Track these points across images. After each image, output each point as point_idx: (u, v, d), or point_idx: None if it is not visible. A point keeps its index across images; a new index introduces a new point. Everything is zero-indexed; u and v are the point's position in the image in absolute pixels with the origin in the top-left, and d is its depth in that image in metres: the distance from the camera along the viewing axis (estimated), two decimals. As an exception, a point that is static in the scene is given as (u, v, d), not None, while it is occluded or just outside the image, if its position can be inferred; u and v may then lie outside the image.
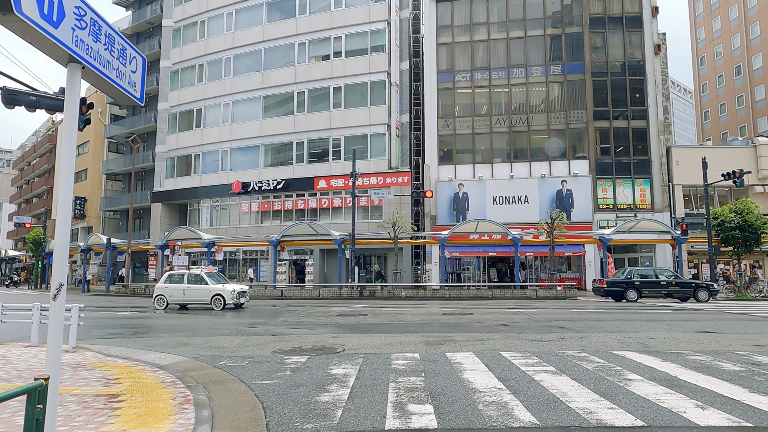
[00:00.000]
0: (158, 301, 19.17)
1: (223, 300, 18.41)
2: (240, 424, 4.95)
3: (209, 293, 18.60)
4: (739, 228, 25.12)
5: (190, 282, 19.08)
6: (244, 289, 19.52)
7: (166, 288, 19.21)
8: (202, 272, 19.43)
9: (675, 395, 5.81)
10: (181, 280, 19.32)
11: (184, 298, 18.98)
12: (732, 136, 43.03)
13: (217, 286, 18.72)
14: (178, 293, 18.95)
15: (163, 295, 19.13)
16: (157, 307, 19.10)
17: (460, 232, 28.27)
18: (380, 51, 34.89)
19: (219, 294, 18.47)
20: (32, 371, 7.30)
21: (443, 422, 4.92)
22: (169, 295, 19.01)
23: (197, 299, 18.91)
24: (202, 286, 18.80)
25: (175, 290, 18.99)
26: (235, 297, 18.50)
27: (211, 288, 18.65)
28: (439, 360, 8.12)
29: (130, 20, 48.15)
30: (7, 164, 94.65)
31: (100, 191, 50.10)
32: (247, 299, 19.59)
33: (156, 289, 19.45)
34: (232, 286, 19.06)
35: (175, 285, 19.18)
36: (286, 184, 35.84)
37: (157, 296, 19.23)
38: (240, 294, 18.89)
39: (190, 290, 18.85)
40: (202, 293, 18.74)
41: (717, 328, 12.22)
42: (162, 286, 19.42)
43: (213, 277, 19.62)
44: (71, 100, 3.40)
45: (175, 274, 19.87)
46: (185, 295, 18.89)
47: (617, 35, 32.56)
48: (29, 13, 2.73)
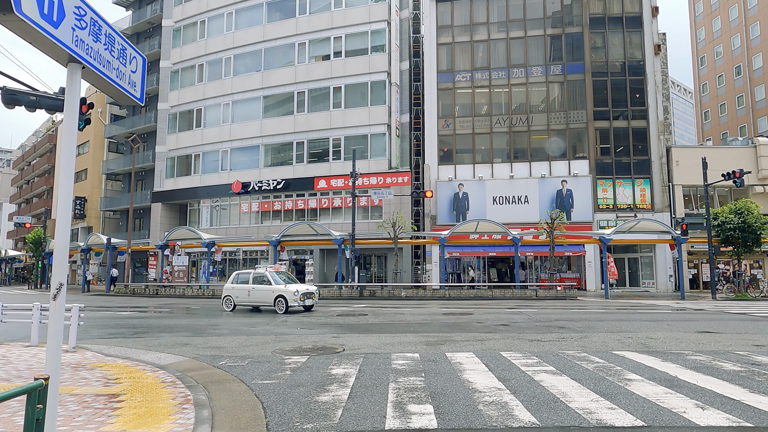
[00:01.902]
0: (226, 302, 18.25)
1: (285, 302, 16.85)
2: (240, 424, 4.95)
3: (272, 294, 17.19)
4: (739, 228, 25.12)
5: (255, 282, 17.80)
6: (311, 289, 17.72)
7: (233, 288, 18.18)
8: (266, 271, 17.97)
9: (675, 395, 5.82)
10: (246, 279, 18.10)
11: (250, 300, 17.82)
12: (732, 136, 43.03)
13: (279, 287, 17.20)
14: (244, 294, 17.83)
15: (230, 296, 18.15)
16: (225, 308, 18.23)
17: (460, 232, 28.27)
18: (380, 51, 34.89)
19: (281, 295, 16.97)
20: (32, 371, 7.30)
21: (443, 422, 4.92)
22: (236, 296, 18.00)
23: (262, 300, 17.62)
24: (266, 287, 17.44)
25: (241, 291, 17.89)
26: (299, 299, 16.82)
27: (274, 289, 17.21)
28: (439, 360, 8.12)
29: (130, 20, 48.15)
30: (7, 164, 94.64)
31: (100, 191, 50.09)
32: (315, 301, 17.84)
33: (224, 289, 18.53)
34: (296, 286, 17.42)
35: (241, 285, 18.06)
36: (286, 184, 35.84)
37: (225, 297, 18.32)
38: (305, 295, 17.14)
39: (255, 291, 17.62)
40: (265, 294, 17.41)
41: (717, 328, 12.22)
42: (229, 286, 18.41)
43: (280, 276, 18.08)
44: (71, 100, 3.40)
45: (242, 273, 18.73)
46: (250, 296, 17.73)
47: (617, 35, 32.55)
48: (29, 13, 2.73)
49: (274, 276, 17.77)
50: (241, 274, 18.64)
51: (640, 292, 29.32)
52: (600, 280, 29.46)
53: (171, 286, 31.36)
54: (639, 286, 31.00)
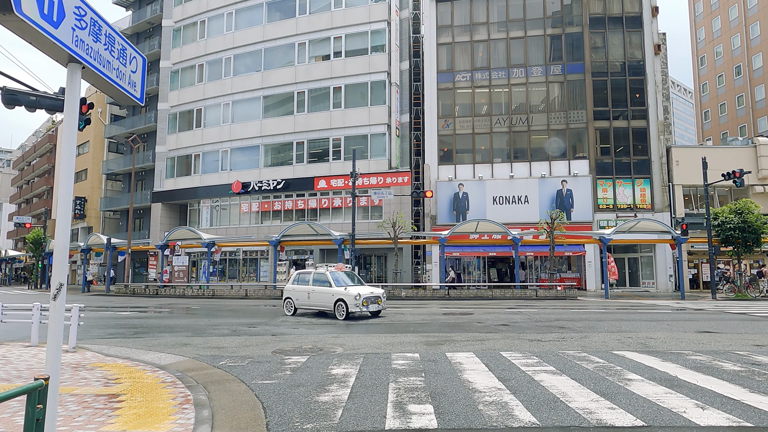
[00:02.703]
0: (286, 305, 16.50)
1: (345, 307, 14.66)
2: (240, 424, 4.95)
3: (332, 297, 15.09)
4: (739, 228, 25.11)
5: (315, 283, 15.86)
6: (376, 293, 15.38)
7: (293, 290, 16.35)
8: (326, 271, 16.02)
9: (675, 395, 5.82)
10: (307, 280, 16.13)
11: (310, 303, 15.90)
12: (732, 136, 43.02)
13: (339, 289, 15.05)
14: (304, 296, 15.98)
15: (290, 298, 16.37)
16: (286, 312, 16.46)
17: (460, 232, 28.27)
18: (380, 51, 34.88)
19: (341, 299, 14.81)
20: (32, 371, 7.30)
21: (443, 422, 4.92)
22: (296, 298, 16.19)
23: (322, 304, 15.54)
24: (326, 289, 15.38)
25: (302, 293, 16.06)
26: (361, 303, 14.58)
27: (334, 291, 15.09)
28: (439, 360, 8.12)
29: (130, 20, 48.16)
30: (7, 164, 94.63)
31: (100, 191, 50.09)
32: (382, 306, 15.44)
33: (284, 290, 16.75)
34: (358, 289, 15.11)
35: (301, 287, 16.15)
36: (286, 184, 35.83)
37: (285, 299, 16.61)
38: (368, 299, 14.84)
39: (315, 293, 15.67)
40: (325, 297, 15.34)
41: (717, 328, 12.22)
42: (290, 287, 16.57)
43: (342, 276, 16.08)
44: (71, 100, 3.40)
45: (303, 272, 16.66)
46: (310, 298, 15.82)
47: (617, 35, 32.55)
48: (29, 13, 2.73)
49: (335, 276, 15.74)
50: (302, 273, 16.69)
51: (640, 292, 29.32)
52: (600, 280, 29.46)
53: (171, 286, 31.36)
54: (639, 286, 31.00)
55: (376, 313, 15.59)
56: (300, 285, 16.25)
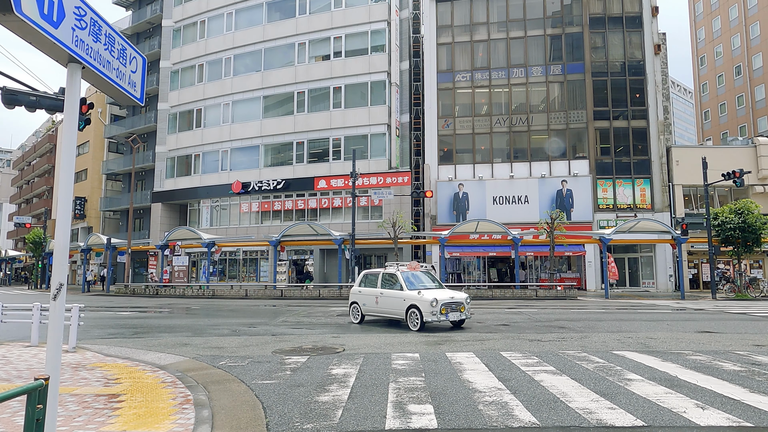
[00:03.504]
0: (353, 311, 14.10)
1: (419, 315, 11.86)
2: (240, 424, 4.95)
3: (403, 303, 12.37)
4: (739, 228, 25.11)
5: (384, 285, 13.21)
6: (458, 297, 12.20)
7: (360, 293, 13.84)
8: (396, 270, 13.32)
9: (675, 395, 5.82)
10: (375, 282, 13.55)
11: (378, 309, 13.25)
12: (732, 136, 43.00)
13: (411, 294, 12.23)
14: (371, 301, 13.38)
15: (357, 303, 13.88)
16: (352, 320, 14.03)
17: (460, 232, 28.27)
18: (380, 51, 34.88)
19: (414, 305, 12.03)
20: (32, 371, 7.30)
21: (443, 422, 4.92)
22: (363, 303, 13.66)
23: (391, 311, 12.85)
24: (396, 293, 12.67)
25: (369, 297, 13.47)
26: (438, 311, 11.66)
27: (405, 296, 12.34)
28: (439, 360, 8.12)
29: (130, 20, 48.16)
30: (7, 164, 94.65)
31: (100, 191, 50.09)
32: (465, 315, 12.23)
33: (350, 293, 14.34)
34: (435, 293, 12.09)
35: (369, 289, 13.60)
36: (286, 184, 35.83)
37: (351, 303, 14.20)
38: (448, 306, 11.88)
39: (383, 297, 13.04)
40: (395, 303, 12.64)
41: (717, 328, 12.23)
42: (356, 289, 14.08)
43: (417, 277, 13.24)
44: (71, 100, 3.40)
45: (371, 272, 14.16)
46: (379, 304, 13.18)
47: (617, 35, 32.55)
48: (29, 13, 2.73)
49: (408, 277, 12.97)
50: (369, 274, 14.17)
51: (640, 292, 29.32)
52: (600, 280, 29.46)
53: (171, 286, 31.36)
54: (639, 286, 31.00)
55: (458, 324, 12.51)
56: (367, 287, 13.72)
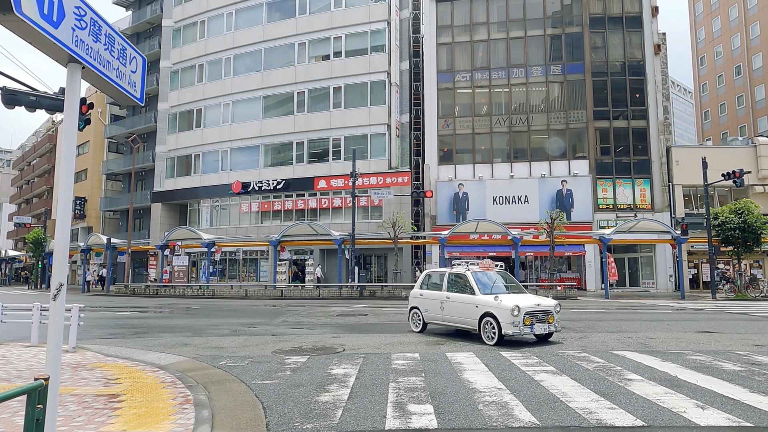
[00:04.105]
0: (413, 319, 11.90)
1: (496, 325, 9.48)
2: (240, 424, 4.95)
3: (476, 311, 10.02)
4: (739, 228, 25.11)
5: (450, 287, 10.95)
6: (545, 305, 9.80)
7: (421, 297, 11.65)
8: (467, 270, 10.90)
9: (675, 395, 5.82)
10: (439, 284, 11.36)
11: (444, 316, 10.93)
12: (732, 136, 43.01)
13: (486, 299, 9.87)
14: (435, 307, 11.11)
15: (418, 308, 11.71)
16: (413, 328, 11.85)
17: (460, 232, 28.27)
18: (380, 51, 34.88)
19: (490, 314, 9.66)
20: (32, 371, 7.30)
21: (443, 422, 4.92)
22: (425, 308, 11.46)
23: (460, 319, 10.55)
24: (466, 297, 10.36)
25: (432, 301, 11.24)
26: (521, 322, 9.30)
27: (479, 301, 9.98)
28: (439, 360, 8.12)
29: (130, 20, 48.15)
30: (7, 164, 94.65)
31: (100, 191, 50.09)
32: (554, 326, 9.79)
33: (410, 297, 12.14)
34: (516, 299, 9.78)
35: (432, 293, 11.40)
36: (286, 184, 35.83)
37: (411, 309, 11.97)
38: (533, 316, 9.52)
39: (450, 303, 10.74)
40: (465, 309, 10.33)
41: (717, 328, 12.23)
42: (417, 292, 11.88)
43: (493, 279, 10.88)
44: (71, 100, 3.40)
45: (435, 272, 12.04)
46: (444, 310, 10.86)
47: (617, 35, 32.54)
48: (29, 13, 2.73)
49: (480, 279, 10.58)
50: (433, 273, 12.03)
51: (640, 292, 29.32)
52: (600, 280, 29.45)
53: (171, 286, 31.37)
54: (639, 286, 31.00)
55: (546, 337, 10.15)
56: (430, 290, 11.53)
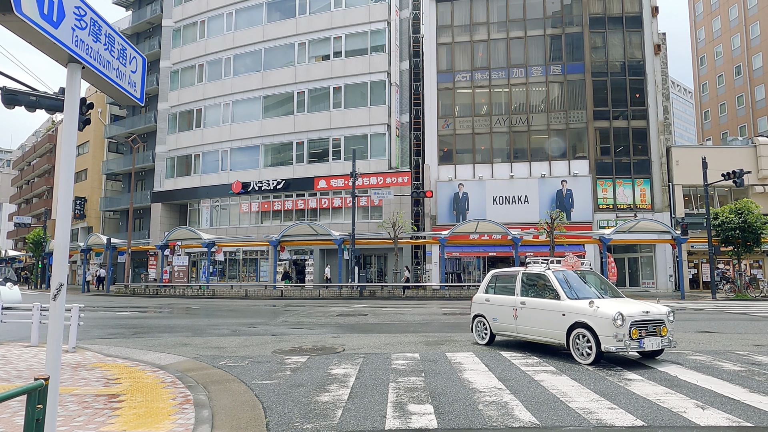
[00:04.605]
0: (477, 329, 9.89)
1: (593, 338, 7.66)
2: (240, 424, 4.95)
3: (563, 320, 8.12)
4: (739, 228, 25.12)
5: (525, 290, 9.01)
6: (656, 313, 7.89)
7: (488, 303, 9.66)
8: (547, 270, 8.87)
9: (675, 395, 5.82)
10: (511, 287, 9.32)
11: (518, 326, 8.92)
12: (732, 136, 43.02)
13: (577, 305, 8.04)
14: (506, 315, 9.13)
15: (483, 316, 9.71)
16: (478, 341, 9.80)
17: (460, 232, 28.27)
18: (380, 51, 34.88)
19: (583, 324, 7.81)
20: (32, 371, 7.30)
21: (443, 422, 4.92)
22: (492, 316, 9.45)
23: (540, 330, 8.55)
24: (549, 303, 8.44)
25: (502, 309, 9.24)
26: (627, 335, 7.44)
27: (567, 308, 8.11)
28: (439, 360, 8.12)
29: (130, 20, 48.15)
30: (7, 164, 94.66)
31: (100, 191, 50.09)
32: (667, 340, 7.84)
33: (473, 303, 10.11)
34: (617, 305, 7.81)
35: (502, 297, 9.42)
36: (286, 184, 35.83)
37: (475, 317, 9.98)
38: (641, 327, 7.63)
39: (526, 310, 8.79)
40: (548, 319, 8.39)
41: (717, 328, 12.23)
42: (481, 297, 9.91)
43: (583, 280, 8.91)
44: (71, 100, 3.40)
45: (503, 273, 9.96)
46: (518, 319, 8.88)
47: (617, 35, 32.55)
48: (29, 13, 2.73)
49: (565, 280, 8.58)
50: (501, 275, 9.93)
51: (640, 292, 29.31)
52: (600, 280, 29.41)
53: (171, 286, 31.37)
54: (639, 286, 30.99)
55: (656, 354, 8.21)
56: (498, 294, 9.56)
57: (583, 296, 8.33)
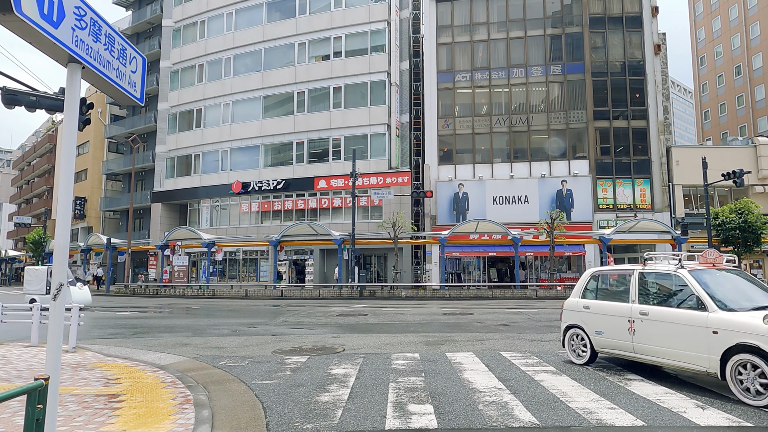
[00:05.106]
0: (571, 341, 7.86)
1: None
2: (240, 424, 4.95)
3: (712, 340, 5.73)
4: (739, 228, 25.11)
5: (646, 297, 6.89)
6: None
7: (586, 311, 7.64)
8: (680, 269, 6.60)
9: (675, 395, 5.81)
10: (622, 290, 7.35)
11: (635, 343, 6.77)
12: (732, 136, 43.01)
13: (740, 319, 5.60)
14: (617, 328, 7.06)
15: (581, 328, 7.68)
16: (574, 359, 7.75)
17: (460, 232, 28.27)
18: (380, 51, 34.88)
19: (753, 347, 5.30)
20: (32, 371, 7.30)
21: (443, 422, 4.92)
22: (595, 328, 7.43)
23: (671, 351, 6.26)
24: (686, 315, 6.14)
25: (610, 319, 7.20)
26: None
27: (720, 324, 5.71)
28: (439, 360, 8.12)
29: (130, 20, 48.15)
30: (7, 164, 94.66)
31: (100, 191, 50.09)
32: None
33: (564, 310, 8.09)
34: None
35: (607, 304, 7.42)
36: (286, 184, 35.83)
37: (567, 329, 7.94)
38: None
39: (649, 324, 6.58)
40: (684, 336, 6.09)
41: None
42: (576, 303, 7.89)
43: (734, 284, 6.69)
44: (71, 100, 3.40)
45: (609, 273, 7.98)
46: (637, 334, 6.73)
47: (617, 35, 32.54)
48: (29, 13, 2.73)
49: (715, 284, 6.40)
50: (605, 274, 7.97)
51: (640, 292, 29.27)
52: (600, 280, 29.40)
53: (171, 286, 31.37)
54: (639, 286, 30.93)
55: None
56: (603, 301, 7.50)
57: (739, 306, 5.96)
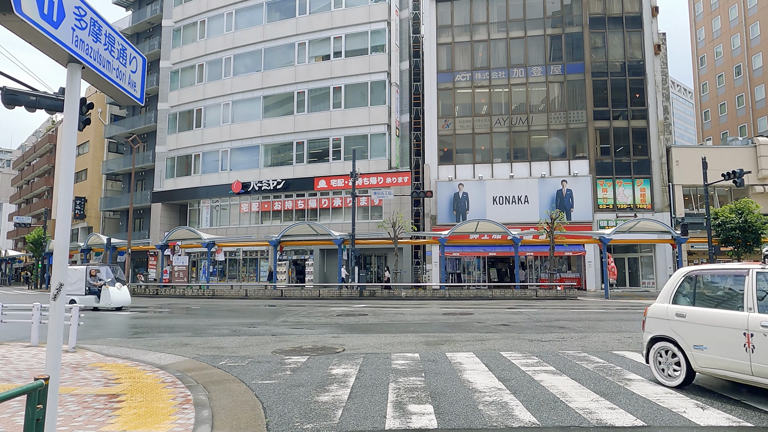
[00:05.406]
0: (657, 356, 6.31)
1: None
2: (240, 424, 4.95)
3: None
4: (739, 228, 25.11)
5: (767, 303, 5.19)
6: None
7: (682, 320, 5.97)
8: None
9: (675, 395, 5.81)
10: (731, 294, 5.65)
11: (753, 364, 5.13)
12: (732, 136, 43.00)
13: None
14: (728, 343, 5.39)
15: (672, 340, 6.08)
16: (662, 380, 6.19)
17: (460, 232, 28.26)
18: (380, 51, 34.88)
19: None
20: (32, 371, 7.30)
21: (443, 422, 4.92)
22: (694, 341, 5.80)
23: None
24: None
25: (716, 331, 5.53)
26: None
27: None
28: (439, 360, 8.12)
29: (130, 20, 48.15)
30: (7, 164, 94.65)
31: (100, 191, 50.09)
32: None
33: (648, 318, 6.50)
34: None
35: (711, 312, 5.72)
36: (286, 184, 35.83)
37: (652, 341, 6.39)
38: None
39: None
40: None
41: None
42: (666, 309, 6.25)
43: None
44: (71, 100, 3.40)
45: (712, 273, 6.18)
46: (756, 352, 5.10)
47: (617, 35, 32.55)
48: (29, 13, 2.73)
49: None
50: (705, 274, 6.23)
51: (640, 292, 29.31)
52: (600, 280, 29.45)
53: (171, 286, 31.36)
54: (639, 285, 30.99)
55: None
56: (703, 307, 5.94)
57: None
